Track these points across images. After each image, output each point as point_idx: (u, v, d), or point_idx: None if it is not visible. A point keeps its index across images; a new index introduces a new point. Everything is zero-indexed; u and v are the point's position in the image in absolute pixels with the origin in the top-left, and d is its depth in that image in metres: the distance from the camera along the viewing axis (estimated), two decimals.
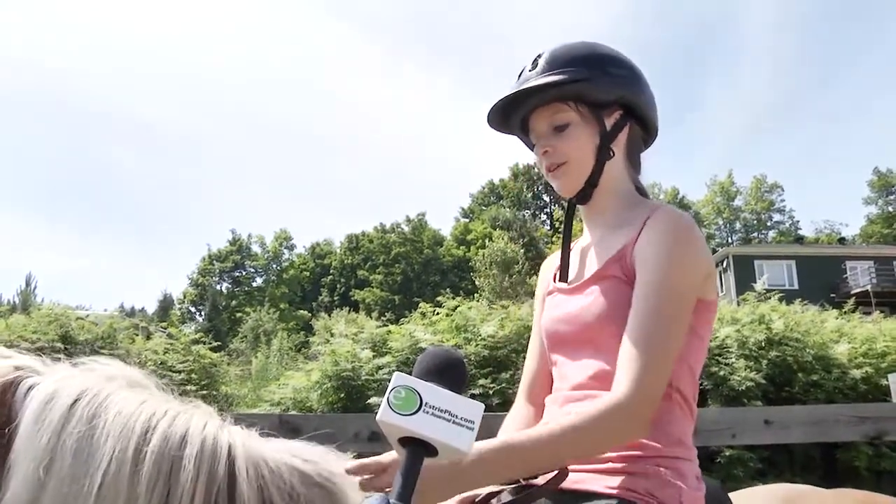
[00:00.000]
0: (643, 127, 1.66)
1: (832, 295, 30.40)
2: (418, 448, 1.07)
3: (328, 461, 1.28)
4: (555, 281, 1.68)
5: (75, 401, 1.06)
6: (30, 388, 1.07)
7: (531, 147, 1.67)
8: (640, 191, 1.66)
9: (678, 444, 1.44)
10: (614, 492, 1.34)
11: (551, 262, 1.78)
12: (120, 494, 1.01)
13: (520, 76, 1.62)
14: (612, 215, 1.61)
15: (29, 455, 1.00)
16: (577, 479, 1.38)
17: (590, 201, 1.63)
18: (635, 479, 1.36)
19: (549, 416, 1.57)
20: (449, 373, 1.15)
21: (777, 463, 6.81)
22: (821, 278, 36.33)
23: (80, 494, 0.99)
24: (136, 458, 1.03)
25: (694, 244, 1.46)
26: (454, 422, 1.07)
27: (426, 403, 1.07)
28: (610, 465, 1.39)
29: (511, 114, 1.64)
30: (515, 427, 1.65)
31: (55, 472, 1.00)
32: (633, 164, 1.66)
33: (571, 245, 1.69)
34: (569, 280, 1.64)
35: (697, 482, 1.43)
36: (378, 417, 1.08)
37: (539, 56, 1.60)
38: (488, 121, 1.67)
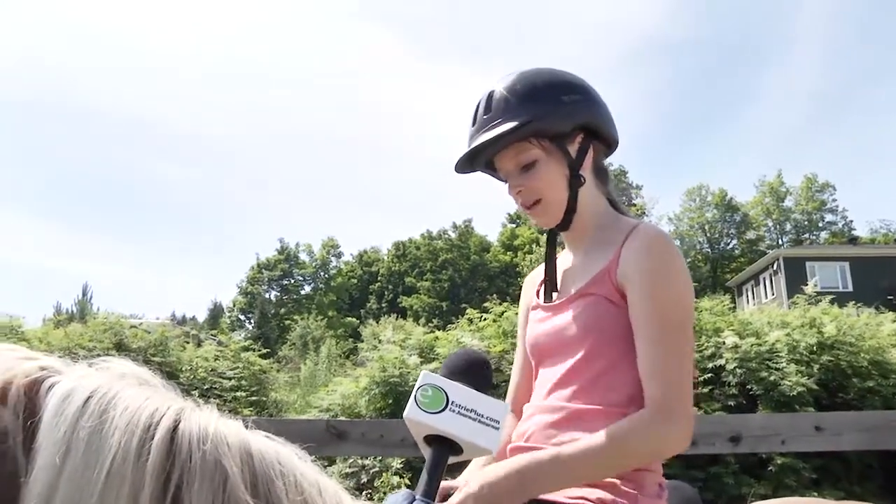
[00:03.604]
0: (604, 143, 1.68)
1: (889, 297, 29.59)
2: (444, 446, 1.08)
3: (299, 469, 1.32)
4: (538, 297, 1.72)
5: (89, 397, 1.17)
6: (51, 386, 1.17)
7: (502, 180, 1.68)
8: (614, 203, 1.69)
9: None
10: (571, 501, 1.40)
11: (533, 280, 1.82)
12: (125, 481, 1.11)
13: (475, 118, 1.61)
14: (593, 235, 1.64)
15: (48, 445, 1.11)
16: None
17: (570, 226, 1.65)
18: (591, 489, 1.42)
19: (523, 426, 1.62)
20: (474, 372, 1.16)
21: (832, 472, 6.63)
22: (877, 280, 35.29)
23: (91, 479, 1.10)
24: (139, 448, 1.13)
25: (678, 259, 1.51)
26: (480, 421, 1.08)
27: (452, 402, 1.08)
28: None
29: (474, 159, 1.65)
30: None
31: (70, 460, 1.11)
32: (601, 179, 1.68)
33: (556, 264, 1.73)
34: (553, 298, 1.67)
35: (659, 490, 1.49)
36: (405, 415, 1.09)
37: (491, 95, 1.59)
38: (456, 171, 1.69)
